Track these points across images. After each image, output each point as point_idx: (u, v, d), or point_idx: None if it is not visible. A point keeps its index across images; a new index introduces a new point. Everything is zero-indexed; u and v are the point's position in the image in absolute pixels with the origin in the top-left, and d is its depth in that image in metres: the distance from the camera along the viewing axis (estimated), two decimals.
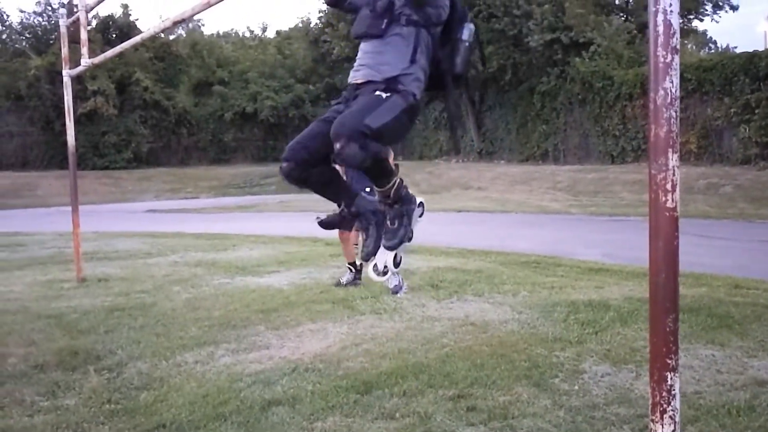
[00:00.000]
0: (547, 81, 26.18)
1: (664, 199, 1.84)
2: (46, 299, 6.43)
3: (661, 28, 1.82)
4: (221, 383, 3.83)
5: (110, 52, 7.32)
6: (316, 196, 3.19)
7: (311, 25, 40.36)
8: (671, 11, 1.81)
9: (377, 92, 2.88)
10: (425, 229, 11.64)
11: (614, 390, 3.55)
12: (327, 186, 3.13)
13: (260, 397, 3.58)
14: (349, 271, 6.84)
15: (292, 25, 45.90)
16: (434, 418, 3.24)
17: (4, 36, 35.93)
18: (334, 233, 7.19)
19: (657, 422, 1.89)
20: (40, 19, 35.58)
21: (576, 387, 3.61)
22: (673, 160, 1.83)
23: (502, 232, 12.27)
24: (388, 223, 3.09)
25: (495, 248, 9.36)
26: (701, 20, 28.00)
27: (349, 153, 2.73)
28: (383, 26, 2.95)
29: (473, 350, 4.34)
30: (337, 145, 2.73)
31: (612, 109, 23.11)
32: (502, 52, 26.59)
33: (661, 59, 1.83)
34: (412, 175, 26.57)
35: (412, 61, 2.96)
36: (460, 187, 23.81)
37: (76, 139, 8.09)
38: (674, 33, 1.82)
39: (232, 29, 58.64)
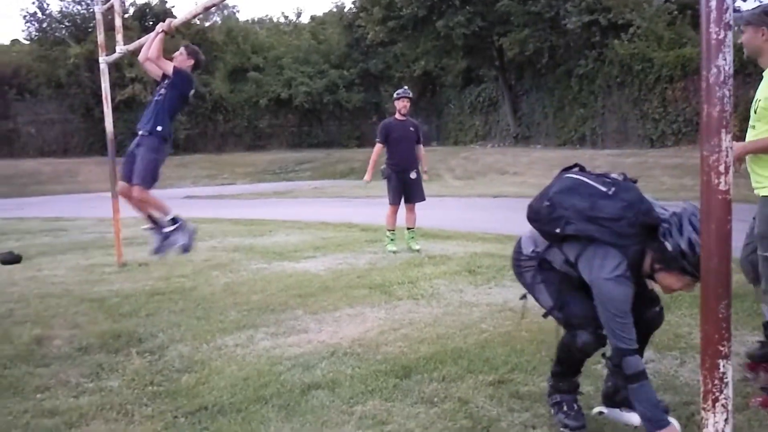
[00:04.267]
0: (585, 64, 25.76)
1: (716, 181, 1.78)
2: (88, 283, 6.55)
3: (714, 3, 1.75)
4: (261, 366, 3.86)
5: (145, 38, 7.34)
6: (351, 183, 3.19)
7: (345, 10, 40.33)
8: None
9: None
10: (460, 215, 11.59)
11: (658, 377, 3.49)
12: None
13: (300, 381, 3.59)
14: (154, 231, 5.83)
15: (327, 10, 45.96)
16: (475, 404, 3.22)
17: (44, 24, 36.50)
18: (370, 218, 6.96)
19: (709, 411, 1.84)
20: (79, 7, 36.03)
21: None
22: (726, 140, 1.77)
23: None
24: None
25: None
26: (744, 0, 27.25)
27: None
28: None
29: (512, 336, 4.30)
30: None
31: (652, 92, 22.65)
32: (538, 35, 26.23)
33: (714, 36, 1.77)
34: (448, 161, 26.44)
35: None
36: (495, 173, 23.62)
37: (114, 126, 8.18)
38: (727, 8, 1.76)
39: (266, 15, 58.87)
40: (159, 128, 5.67)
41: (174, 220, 5.73)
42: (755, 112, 3.38)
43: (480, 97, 33.61)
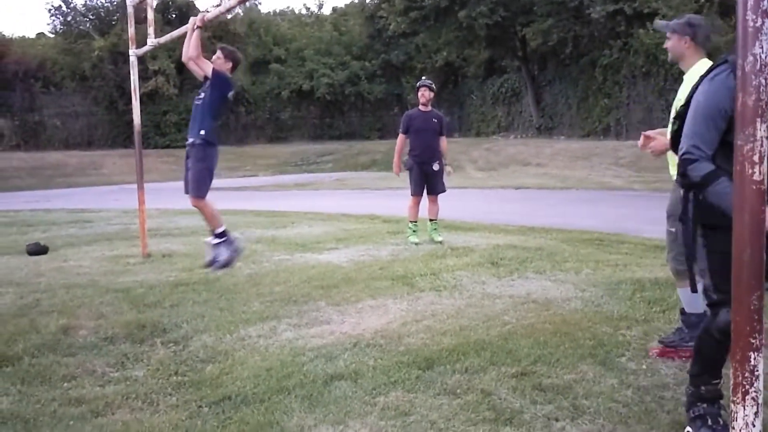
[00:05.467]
0: (610, 54, 25.49)
1: (750, 171, 1.75)
2: (113, 274, 6.61)
3: None
4: (284, 357, 3.87)
5: (176, 32, 7.30)
6: (373, 175, 3.15)
7: (367, 1, 40.23)
8: None
9: None
10: (483, 207, 11.53)
11: (684, 370, 3.42)
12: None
13: (323, 372, 3.60)
14: (216, 237, 5.76)
15: (348, 2, 45.80)
16: (497, 395, 3.20)
17: (69, 18, 36.86)
18: (392, 209, 6.95)
19: (738, 403, 1.82)
20: (103, 0, 36.39)
21: (644, 366, 3.52)
22: (762, 130, 1.74)
23: (563, 210, 12.06)
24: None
25: (556, 225, 9.21)
26: None
27: None
28: None
29: (536, 328, 4.27)
30: None
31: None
32: (562, 25, 26.00)
33: (751, 23, 1.73)
34: (470, 152, 26.34)
35: None
36: (518, 164, 23.51)
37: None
38: None
39: (288, 7, 59.08)
40: (202, 132, 5.66)
41: (221, 234, 5.75)
42: (675, 110, 3.65)
43: (502, 87, 33.41)
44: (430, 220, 8.22)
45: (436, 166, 8.13)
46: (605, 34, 25.46)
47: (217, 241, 5.74)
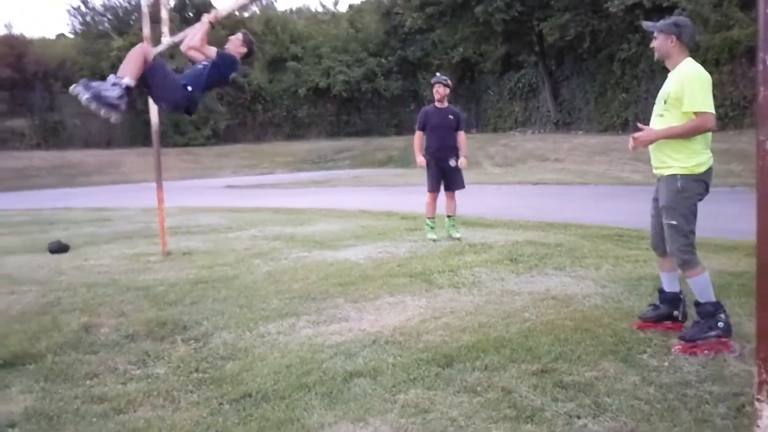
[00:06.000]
0: (628, 48, 25.30)
1: None
2: (134, 272, 6.66)
3: None
4: (304, 354, 3.88)
5: (188, 30, 7.40)
6: (390, 172, 3.16)
7: None
8: None
9: None
10: (501, 202, 11.44)
11: (707, 367, 3.41)
12: None
13: (342, 369, 3.60)
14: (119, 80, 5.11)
15: None
16: (518, 393, 3.18)
17: (87, 18, 37.20)
18: (409, 206, 6.89)
19: (763, 401, 1.79)
20: (121, 0, 36.68)
21: (666, 363, 3.48)
22: None
23: (581, 205, 11.99)
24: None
25: (575, 221, 9.15)
26: None
27: None
28: None
29: (556, 324, 4.25)
30: None
31: None
32: (580, 20, 25.83)
33: None
34: (487, 148, 26.24)
35: None
36: (536, 159, 23.38)
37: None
38: None
39: (304, 4, 59.11)
40: (190, 88, 5.26)
41: (127, 88, 5.10)
42: (665, 102, 3.91)
43: (519, 83, 33.27)
44: (448, 216, 8.21)
45: (452, 162, 8.10)
46: (623, 27, 25.26)
47: (118, 83, 5.11)
